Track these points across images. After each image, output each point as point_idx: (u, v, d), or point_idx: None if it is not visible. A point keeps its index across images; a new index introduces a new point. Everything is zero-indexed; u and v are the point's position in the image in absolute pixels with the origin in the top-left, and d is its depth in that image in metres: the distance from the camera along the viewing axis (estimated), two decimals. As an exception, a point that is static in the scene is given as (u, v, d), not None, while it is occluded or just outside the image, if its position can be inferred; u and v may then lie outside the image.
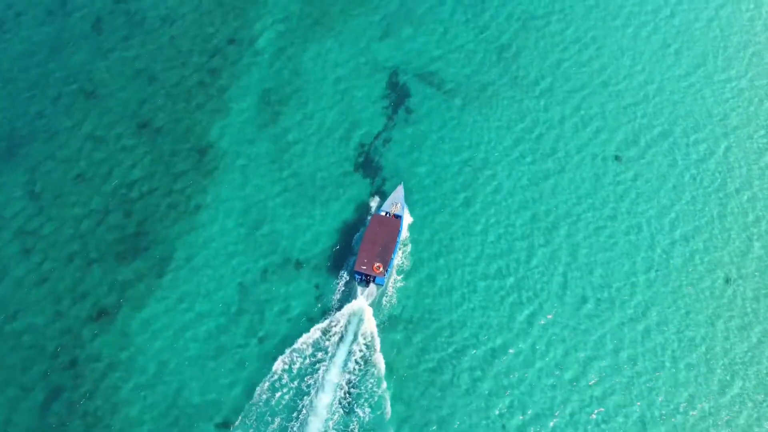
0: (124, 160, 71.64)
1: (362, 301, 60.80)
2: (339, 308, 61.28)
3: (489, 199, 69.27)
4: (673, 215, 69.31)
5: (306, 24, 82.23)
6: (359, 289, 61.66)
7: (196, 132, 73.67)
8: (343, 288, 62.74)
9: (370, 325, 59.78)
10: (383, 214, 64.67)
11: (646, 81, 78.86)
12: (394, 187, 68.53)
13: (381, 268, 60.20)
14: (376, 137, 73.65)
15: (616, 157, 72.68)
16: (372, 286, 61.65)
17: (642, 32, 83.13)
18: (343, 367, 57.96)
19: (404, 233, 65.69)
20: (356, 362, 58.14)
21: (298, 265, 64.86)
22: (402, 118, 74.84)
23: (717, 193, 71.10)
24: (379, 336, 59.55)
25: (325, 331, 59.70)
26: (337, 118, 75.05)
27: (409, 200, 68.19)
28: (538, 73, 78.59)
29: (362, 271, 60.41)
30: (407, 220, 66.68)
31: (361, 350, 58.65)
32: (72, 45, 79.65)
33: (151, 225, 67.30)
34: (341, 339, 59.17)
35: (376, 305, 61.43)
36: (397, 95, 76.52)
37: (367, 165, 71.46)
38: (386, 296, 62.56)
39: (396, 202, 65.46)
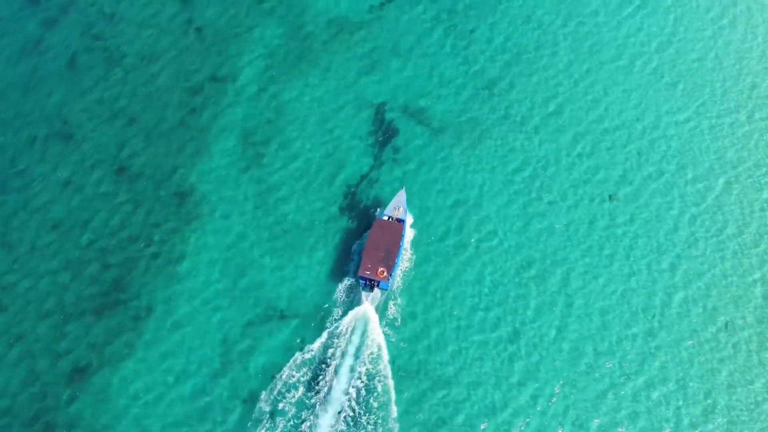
0: (101, 207, 68.95)
1: (367, 306, 60.81)
2: (344, 315, 61.05)
3: (482, 245, 66.84)
4: (672, 259, 67.19)
5: (289, 59, 79.68)
6: (363, 294, 61.59)
7: (176, 176, 71.04)
8: (346, 296, 62.72)
9: (375, 329, 60.00)
10: (386, 218, 64.47)
11: (641, 116, 76.81)
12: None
13: (385, 273, 60.03)
14: (363, 178, 71.30)
15: (611, 197, 70.56)
16: (376, 290, 61.71)
17: (636, 64, 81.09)
18: (350, 372, 58.11)
19: (408, 237, 65.49)
20: (364, 366, 58.39)
21: (284, 316, 62.52)
22: (389, 158, 72.52)
23: (717, 236, 69.06)
24: (385, 340, 59.90)
25: (331, 337, 59.82)
26: (323, 158, 72.67)
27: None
28: (530, 110, 76.45)
29: (366, 276, 60.30)
30: (410, 223, 66.71)
31: (368, 354, 58.90)
32: (47, 85, 76.82)
33: (130, 278, 64.61)
34: (347, 344, 59.36)
35: (380, 310, 61.72)
36: (385, 133, 74.16)
37: (354, 208, 68.92)
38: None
39: (398, 207, 65.24)
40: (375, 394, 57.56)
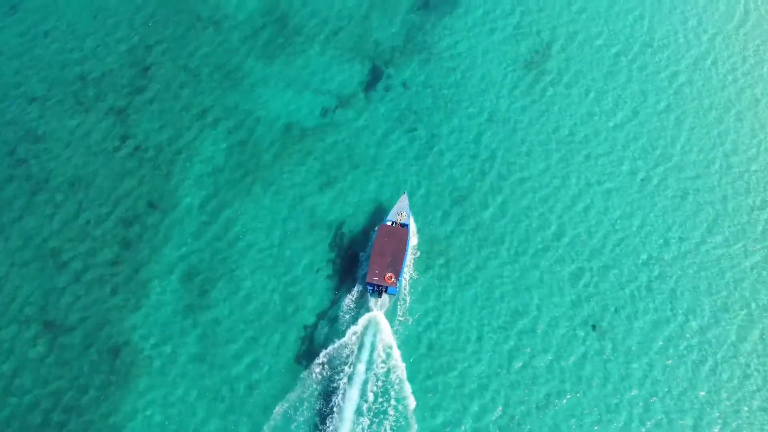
0: (24, 368, 60.60)
1: (376, 313, 61.29)
2: (353, 322, 61.19)
3: (462, 402, 59.94)
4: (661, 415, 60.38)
5: (236, 178, 72.41)
6: (371, 300, 62.03)
7: (108, 327, 63.11)
8: (354, 305, 63.01)
9: (387, 334, 60.42)
10: (389, 224, 64.76)
11: (610, 235, 70.43)
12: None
13: (393, 278, 60.50)
14: (321, 316, 63.81)
15: (594, 327, 63.84)
16: (384, 296, 62.15)
17: (608, 186, 74.84)
18: (364, 379, 58.18)
19: (412, 241, 66.06)
20: (378, 373, 58.60)
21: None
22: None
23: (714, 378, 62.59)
24: (397, 346, 60.12)
25: (342, 346, 60.01)
26: (276, 296, 65.16)
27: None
28: (505, 230, 69.66)
29: (374, 282, 60.60)
30: (413, 228, 66.97)
31: (380, 360, 59.13)
32: (-38, 223, 68.54)
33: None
34: (359, 352, 59.40)
35: (390, 315, 62.13)
36: (344, 262, 66.78)
37: (311, 355, 61.22)
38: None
39: (401, 211, 65.81)
40: (391, 400, 57.69)
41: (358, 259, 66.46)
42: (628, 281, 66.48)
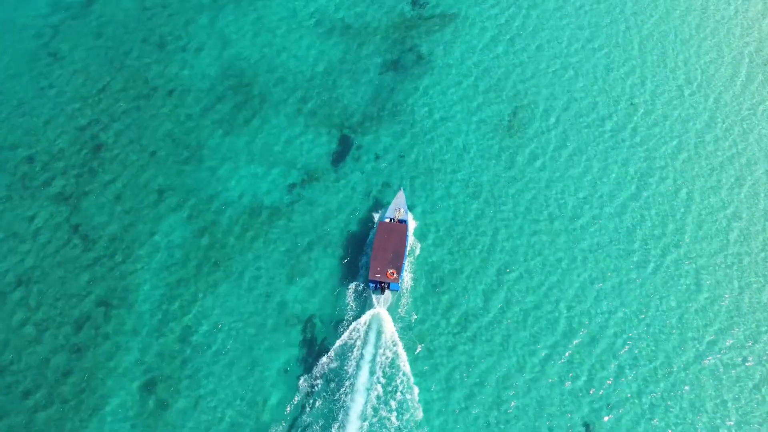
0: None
1: (380, 309, 62.33)
2: (357, 319, 62.23)
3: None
4: None
5: (197, 269, 67.26)
6: (374, 297, 62.89)
7: (59, 449, 57.17)
8: (356, 301, 63.85)
9: (390, 330, 61.40)
10: (388, 220, 65.70)
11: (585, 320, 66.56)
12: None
13: (395, 274, 61.54)
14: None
15: (587, 427, 59.76)
16: (387, 292, 63.15)
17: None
18: (369, 375, 58.98)
19: (410, 238, 66.74)
20: (383, 369, 59.59)
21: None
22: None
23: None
24: (401, 340, 61.24)
25: (346, 343, 61.02)
26: (239, 403, 59.81)
27: None
28: (480, 311, 65.37)
29: (377, 279, 61.61)
30: (411, 224, 67.93)
31: (385, 356, 60.19)
32: None
33: None
34: (363, 348, 60.39)
35: (393, 311, 63.17)
36: (315, 360, 61.87)
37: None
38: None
39: (399, 208, 66.53)
40: (396, 395, 58.45)
41: (359, 258, 67.23)
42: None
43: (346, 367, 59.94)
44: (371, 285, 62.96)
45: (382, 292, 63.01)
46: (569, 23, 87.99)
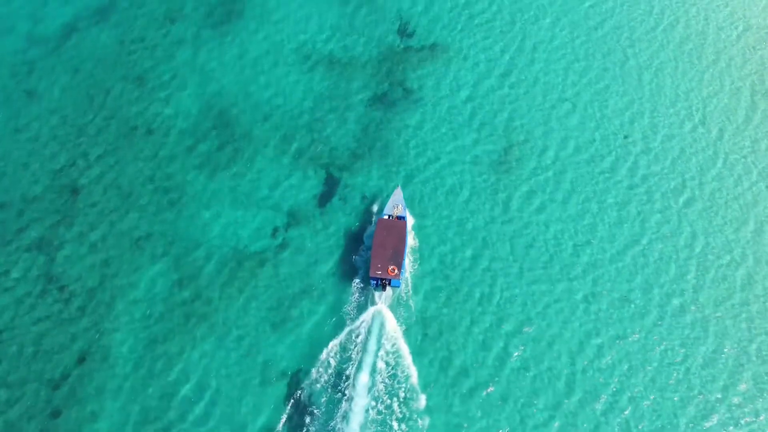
0: None
1: (381, 306, 62.52)
2: (358, 317, 62.22)
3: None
4: None
5: (179, 323, 64.34)
6: (376, 294, 63.19)
7: None
8: (359, 298, 63.87)
9: (392, 327, 61.60)
10: (386, 217, 65.82)
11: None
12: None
13: (396, 271, 61.68)
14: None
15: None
16: (388, 289, 63.42)
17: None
18: (372, 372, 59.11)
19: (410, 234, 66.97)
20: (385, 366, 59.68)
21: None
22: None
23: None
24: (403, 336, 61.55)
25: (348, 341, 61.12)
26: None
27: None
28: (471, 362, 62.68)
29: (378, 276, 61.76)
30: (410, 220, 67.97)
31: (388, 353, 60.24)
32: None
33: None
34: (366, 345, 60.45)
35: (394, 307, 63.39)
36: (300, 415, 58.94)
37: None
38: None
39: (397, 204, 66.66)
40: (399, 392, 58.59)
41: (359, 256, 67.00)
42: None
43: (346, 366, 60.06)
44: (372, 282, 62.92)
45: (384, 288, 63.11)
46: (565, 54, 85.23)
